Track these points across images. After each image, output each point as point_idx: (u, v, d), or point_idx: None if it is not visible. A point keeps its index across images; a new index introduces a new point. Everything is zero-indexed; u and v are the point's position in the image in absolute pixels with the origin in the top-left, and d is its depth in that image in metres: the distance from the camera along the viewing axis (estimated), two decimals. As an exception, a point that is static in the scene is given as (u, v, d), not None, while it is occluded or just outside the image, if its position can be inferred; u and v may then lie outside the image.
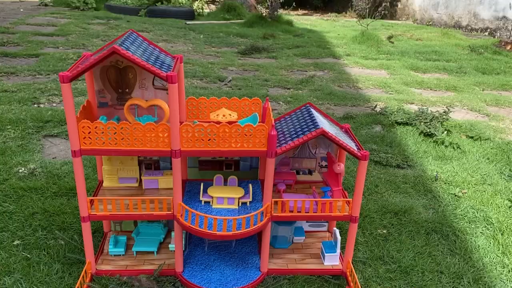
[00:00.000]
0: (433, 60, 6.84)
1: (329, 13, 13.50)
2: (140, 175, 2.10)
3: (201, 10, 10.55)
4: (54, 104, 3.78)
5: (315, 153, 2.15)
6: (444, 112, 3.87)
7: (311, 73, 5.67)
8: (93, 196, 2.00)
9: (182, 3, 10.70)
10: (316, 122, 1.82)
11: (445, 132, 3.65)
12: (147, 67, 1.60)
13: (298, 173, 2.19)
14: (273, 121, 1.81)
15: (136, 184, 2.08)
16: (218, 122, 1.93)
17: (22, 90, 4.04)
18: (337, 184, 2.02)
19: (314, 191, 2.02)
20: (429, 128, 3.63)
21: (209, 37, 7.64)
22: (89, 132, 1.70)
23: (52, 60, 5.17)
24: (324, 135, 1.76)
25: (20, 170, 2.60)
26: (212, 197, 1.95)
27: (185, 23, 8.82)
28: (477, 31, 10.29)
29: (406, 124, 3.79)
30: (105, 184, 2.07)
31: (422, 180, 2.94)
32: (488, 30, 10.09)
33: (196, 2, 10.99)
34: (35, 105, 3.72)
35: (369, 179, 2.88)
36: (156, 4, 10.16)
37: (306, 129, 1.82)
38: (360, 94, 4.88)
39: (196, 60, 5.97)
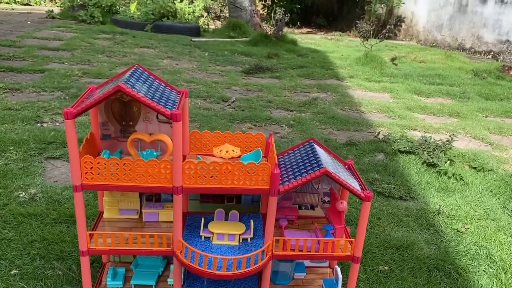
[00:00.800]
0: (437, 84, 6.85)
1: (333, 32, 13.61)
2: (141, 207, 2.08)
3: (206, 27, 10.65)
4: (57, 124, 3.79)
5: (317, 188, 2.14)
6: (447, 141, 3.86)
7: (314, 95, 5.69)
8: (93, 228, 1.98)
9: (188, 19, 10.81)
10: (320, 161, 1.81)
11: (448, 162, 3.63)
12: (152, 105, 1.60)
13: (300, 207, 2.18)
14: (276, 159, 1.80)
15: (137, 216, 2.06)
16: (222, 158, 1.92)
17: (26, 108, 4.05)
18: (339, 221, 2.00)
19: (316, 229, 2.00)
20: (432, 157, 3.61)
21: (214, 55, 7.68)
22: (91, 168, 1.70)
23: (57, 76, 5.20)
24: (327, 175, 1.75)
25: (21, 195, 2.59)
26: (212, 233, 1.93)
27: (191, 40, 8.89)
28: (480, 54, 10.34)
29: (409, 152, 3.78)
30: (105, 215, 2.05)
31: (425, 213, 2.91)
32: (492, 53, 10.14)
33: (202, 18, 11.11)
34: (39, 124, 3.72)
35: (372, 211, 2.86)
36: (162, 19, 10.26)
37: (310, 168, 1.81)
38: (363, 118, 4.87)
39: (200, 79, 5.99)
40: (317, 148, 1.96)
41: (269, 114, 4.75)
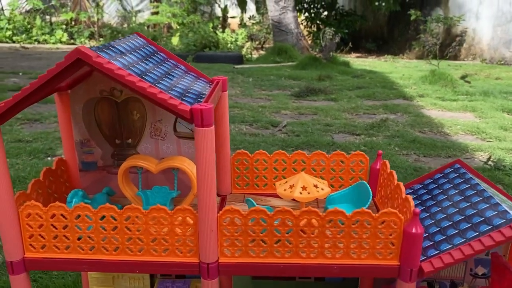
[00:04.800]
0: (527, 101, 5.68)
1: (385, 55, 12.67)
2: (153, 285, 1.21)
3: (249, 56, 10.07)
4: (72, 157, 3.07)
5: (464, 252, 1.18)
6: None
7: (382, 116, 4.72)
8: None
9: (231, 48, 10.31)
10: (497, 204, 0.87)
11: None
12: (149, 91, 0.75)
13: (431, 286, 1.22)
14: (412, 204, 0.87)
15: (144, 304, 1.19)
16: (295, 200, 1.03)
17: (38, 139, 3.39)
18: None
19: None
20: None
21: (258, 80, 6.95)
22: (41, 226, 0.86)
23: (84, 105, 4.59)
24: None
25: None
26: None
27: (233, 67, 8.26)
28: None
29: (539, 183, 2.71)
30: (91, 302, 1.20)
31: None
32: None
33: (245, 47, 10.57)
34: (49, 158, 3.02)
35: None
36: (204, 50, 9.81)
37: (480, 219, 0.87)
38: (451, 141, 3.84)
39: (244, 104, 5.22)
40: (476, 179, 1.03)
41: (330, 139, 3.83)
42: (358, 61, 10.04)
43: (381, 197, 1.06)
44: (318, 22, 12.70)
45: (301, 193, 0.94)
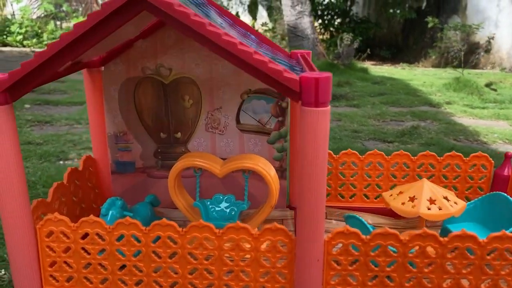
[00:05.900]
0: (561, 109, 5.40)
1: (400, 63, 12.43)
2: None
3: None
4: (86, 161, 2.83)
5: None
6: None
7: (411, 123, 4.47)
8: None
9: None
10: None
11: None
12: (241, 49, 0.49)
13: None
14: None
15: None
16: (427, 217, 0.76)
17: (50, 142, 3.17)
18: None
19: None
20: None
21: (275, 85, 6.74)
22: (67, 250, 0.60)
23: (97, 108, 4.37)
24: None
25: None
26: None
27: (248, 72, 8.06)
28: None
29: None
30: None
31: None
32: None
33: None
34: (61, 162, 2.79)
35: None
36: (216, 55, 9.65)
37: None
38: (492, 150, 3.57)
39: (264, 108, 4.98)
40: None
41: (361, 146, 3.58)
42: (375, 68, 9.82)
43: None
44: (331, 29, 12.52)
45: (429, 208, 0.67)
